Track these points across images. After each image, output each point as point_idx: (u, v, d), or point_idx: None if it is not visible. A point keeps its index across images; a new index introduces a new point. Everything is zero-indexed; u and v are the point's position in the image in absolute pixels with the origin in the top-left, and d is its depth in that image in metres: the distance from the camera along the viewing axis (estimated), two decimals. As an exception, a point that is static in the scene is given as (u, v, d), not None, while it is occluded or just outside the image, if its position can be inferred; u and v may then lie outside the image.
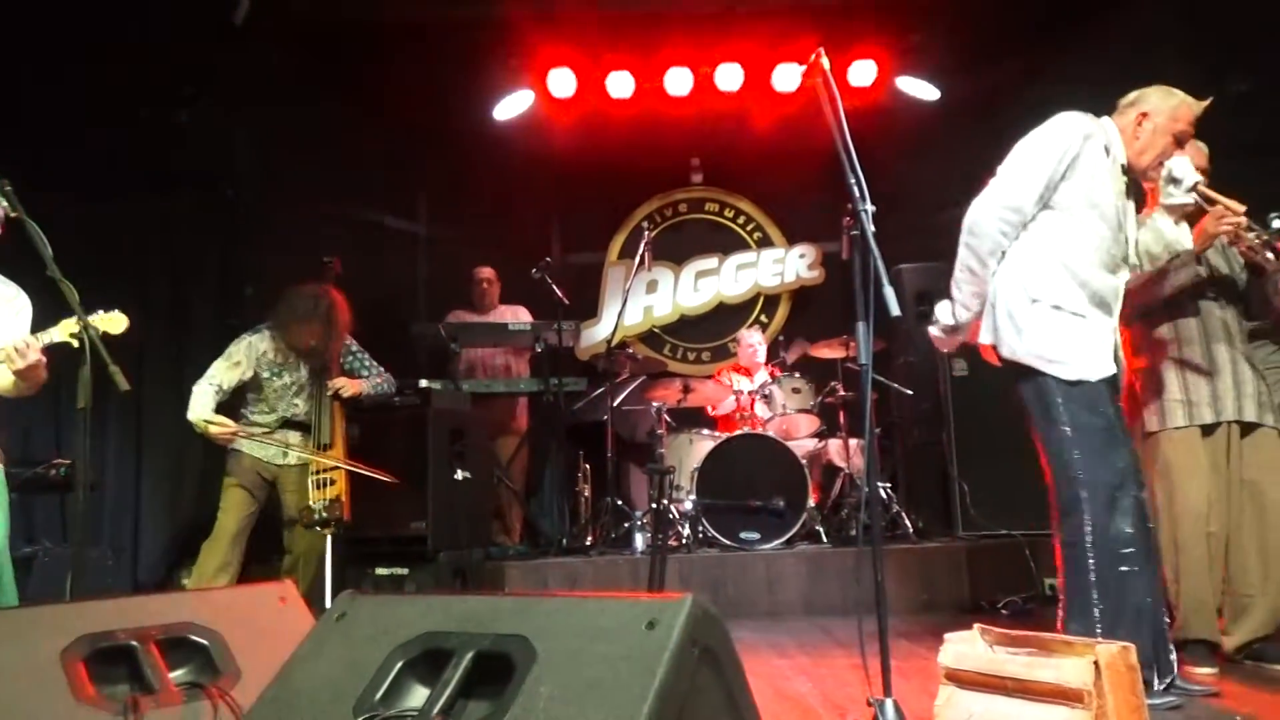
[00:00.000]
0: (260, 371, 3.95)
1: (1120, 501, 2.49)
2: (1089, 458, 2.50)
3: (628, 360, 5.44)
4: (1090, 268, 2.60)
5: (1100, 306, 2.62)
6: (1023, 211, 2.63)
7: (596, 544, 4.96)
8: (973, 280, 2.69)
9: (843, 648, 3.54)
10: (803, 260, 6.84)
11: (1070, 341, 2.55)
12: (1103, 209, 2.62)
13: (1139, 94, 2.77)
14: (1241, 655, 2.98)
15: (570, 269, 6.82)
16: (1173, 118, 2.71)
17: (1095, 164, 2.63)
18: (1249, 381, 3.02)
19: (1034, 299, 2.59)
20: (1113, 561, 2.47)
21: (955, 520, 4.98)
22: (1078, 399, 2.53)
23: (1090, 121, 2.68)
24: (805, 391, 5.44)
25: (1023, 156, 2.67)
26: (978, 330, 2.77)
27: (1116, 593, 2.46)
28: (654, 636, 1.43)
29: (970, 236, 2.68)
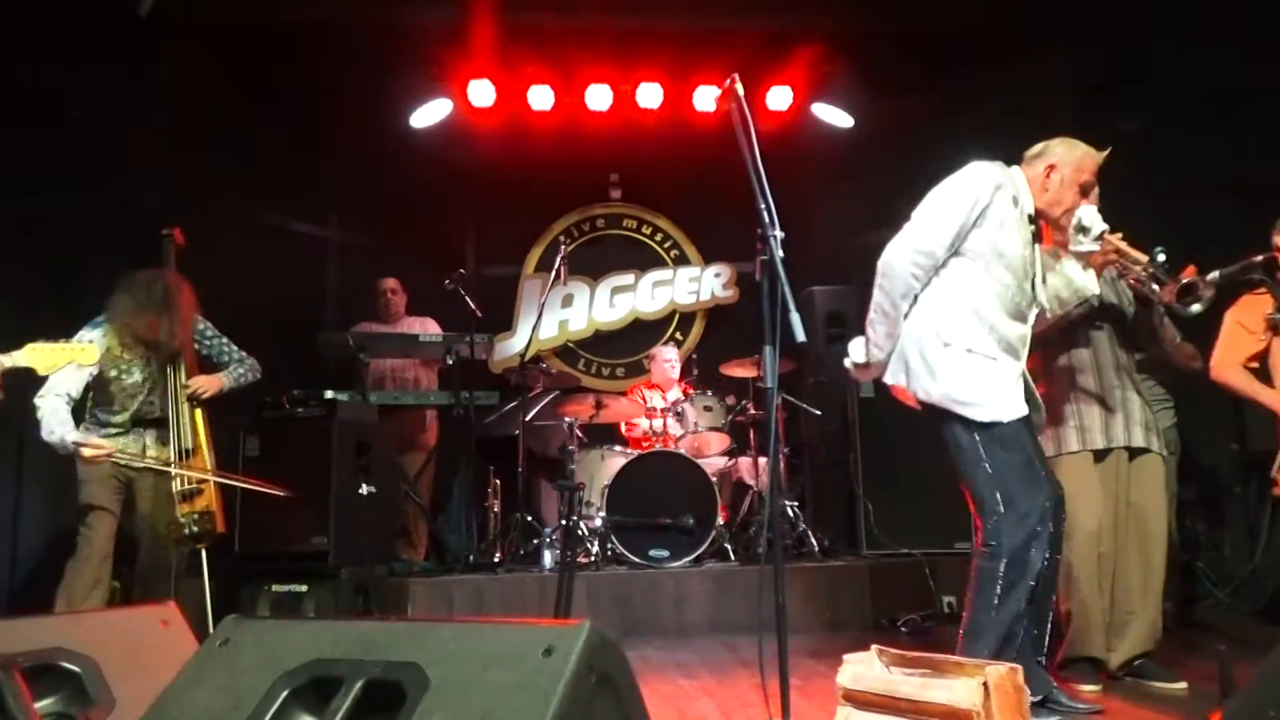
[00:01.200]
0: (107, 370, 3.56)
1: (1037, 535, 2.57)
2: (1006, 493, 2.59)
3: (541, 375, 5.40)
4: (997, 314, 2.69)
5: (1009, 351, 2.71)
6: (934, 256, 2.70)
7: (504, 561, 4.89)
8: (885, 321, 2.76)
9: (747, 667, 3.56)
10: (718, 279, 6.91)
11: (983, 384, 2.63)
12: (1009, 259, 2.71)
13: (1045, 146, 2.88)
14: (1123, 672, 3.10)
15: (485, 281, 6.75)
16: (1078, 169, 2.82)
17: (1004, 214, 2.72)
18: (1137, 409, 3.17)
19: (946, 343, 2.66)
20: (1019, 592, 2.56)
21: (860, 539, 5.08)
22: (994, 438, 2.61)
23: (1000, 172, 2.78)
24: (717, 409, 5.49)
25: (936, 203, 2.75)
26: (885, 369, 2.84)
27: (1015, 620, 2.55)
28: (550, 664, 1.40)
29: (883, 279, 2.74)
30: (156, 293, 3.63)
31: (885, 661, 2.23)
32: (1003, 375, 2.66)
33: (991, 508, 2.60)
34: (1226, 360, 3.28)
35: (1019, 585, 2.56)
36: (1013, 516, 2.56)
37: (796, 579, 4.60)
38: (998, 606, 2.56)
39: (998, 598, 2.54)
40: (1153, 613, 3.10)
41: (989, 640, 2.56)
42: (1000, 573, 2.56)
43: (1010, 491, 2.58)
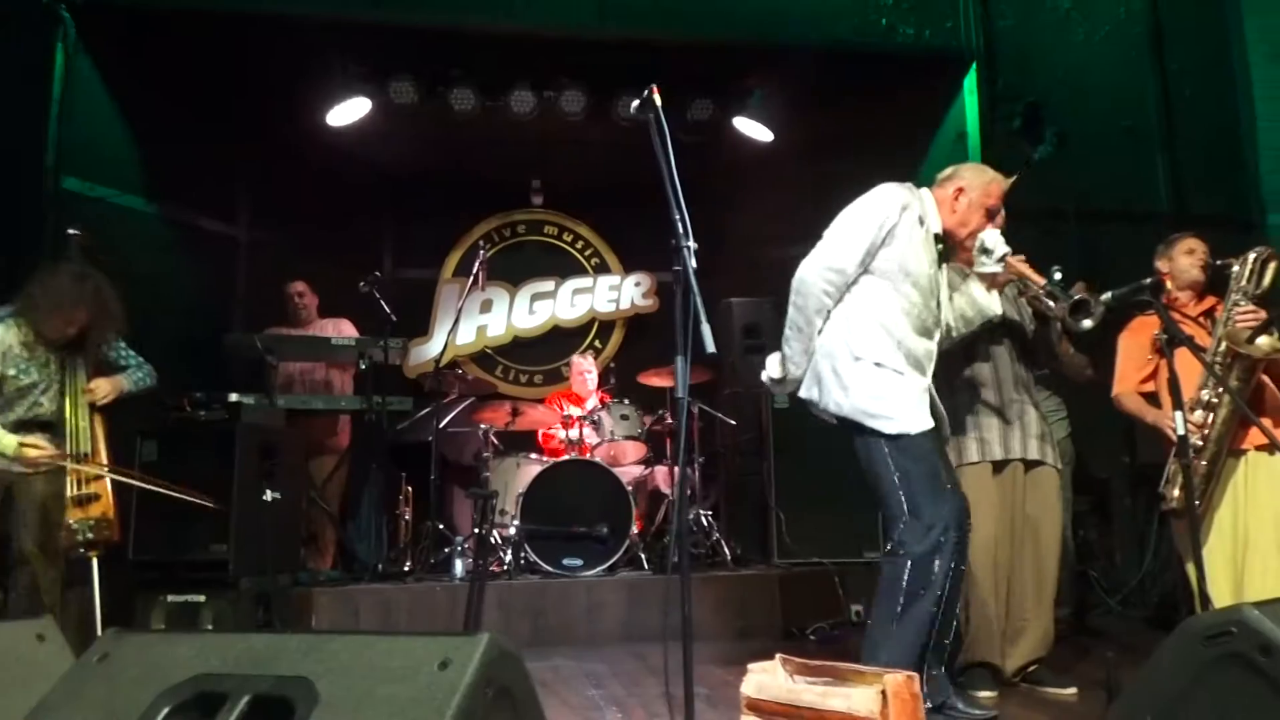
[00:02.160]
0: (5, 369, 3.39)
1: (941, 545, 2.64)
2: (913, 502, 2.65)
3: (456, 380, 5.33)
4: (905, 330, 2.78)
5: (916, 366, 2.79)
6: (845, 274, 2.78)
7: (414, 570, 4.80)
8: (800, 337, 2.83)
9: (656, 676, 3.55)
10: (638, 288, 6.93)
11: (892, 397, 2.71)
12: (916, 277, 2.80)
13: (955, 170, 2.99)
14: (1018, 678, 3.20)
15: (403, 284, 6.64)
16: (985, 193, 2.93)
17: (910, 234, 2.81)
18: (1035, 422, 3.28)
19: (857, 357, 2.74)
20: (924, 601, 2.62)
21: (772, 548, 5.14)
22: (902, 450, 2.68)
23: (908, 193, 2.87)
24: (633, 418, 5.49)
25: (846, 223, 2.83)
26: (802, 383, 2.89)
27: (919, 628, 2.61)
28: (445, 677, 1.38)
29: (797, 296, 2.82)
30: (87, 290, 3.47)
31: (789, 670, 2.26)
32: (910, 389, 2.74)
33: (898, 517, 2.67)
34: (1124, 387, 3.41)
35: (924, 594, 2.62)
36: (918, 526, 2.63)
37: (708, 588, 4.63)
38: (900, 615, 2.62)
39: (901, 605, 2.60)
40: (1045, 620, 3.21)
41: (892, 647, 2.61)
42: (905, 581, 2.63)
43: (916, 501, 2.65)
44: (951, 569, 2.65)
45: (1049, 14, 6.12)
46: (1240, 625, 1.52)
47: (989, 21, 6.04)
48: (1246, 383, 3.12)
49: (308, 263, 5.81)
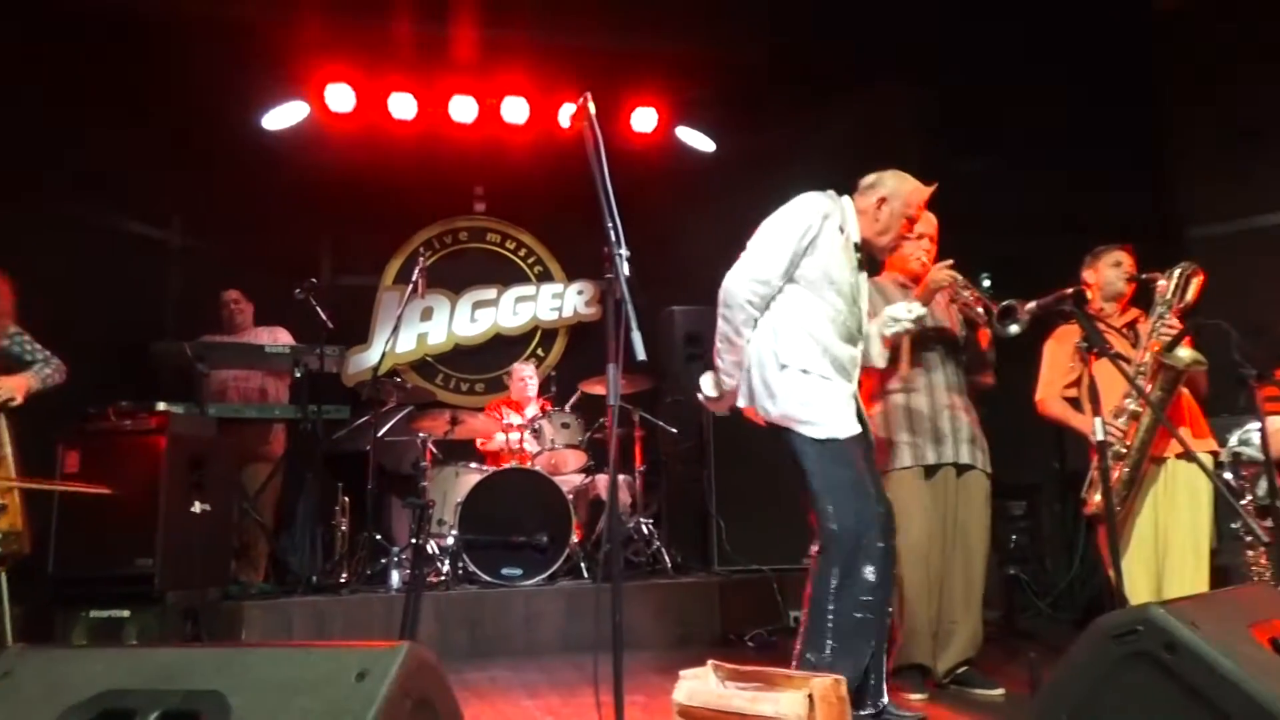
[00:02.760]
0: None
1: (868, 550, 2.67)
2: (840, 508, 2.69)
3: (395, 389, 5.25)
4: (831, 337, 2.82)
5: (841, 372, 2.83)
6: (770, 284, 2.82)
7: (350, 581, 4.72)
8: (731, 349, 2.86)
9: (594, 686, 3.54)
10: (581, 297, 6.93)
11: (818, 403, 2.75)
12: (839, 284, 2.85)
13: (877, 178, 3.03)
14: (948, 680, 3.26)
15: (341, 291, 6.53)
16: (907, 202, 2.99)
17: (831, 242, 2.85)
18: (965, 427, 3.35)
19: (784, 364, 2.78)
20: (852, 607, 2.65)
21: (712, 556, 5.16)
22: (828, 455, 2.72)
23: (829, 202, 2.91)
24: (574, 427, 5.47)
25: (769, 233, 2.87)
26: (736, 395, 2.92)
27: (850, 634, 2.65)
28: (362, 689, 1.36)
29: (725, 308, 2.85)
30: None
31: (720, 676, 2.27)
32: (836, 395, 2.79)
33: (825, 521, 2.70)
34: (1048, 393, 3.50)
35: (850, 597, 2.65)
36: (844, 530, 2.67)
37: (649, 596, 4.64)
38: (831, 619, 2.65)
39: (831, 612, 2.63)
40: (974, 622, 3.28)
41: (823, 651, 2.64)
42: (832, 585, 2.66)
43: (841, 506, 2.69)
44: (878, 574, 2.69)
45: (982, 27, 6.26)
46: (1146, 623, 1.56)
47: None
48: (1169, 394, 3.21)
49: (243, 269, 5.69)
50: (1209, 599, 1.81)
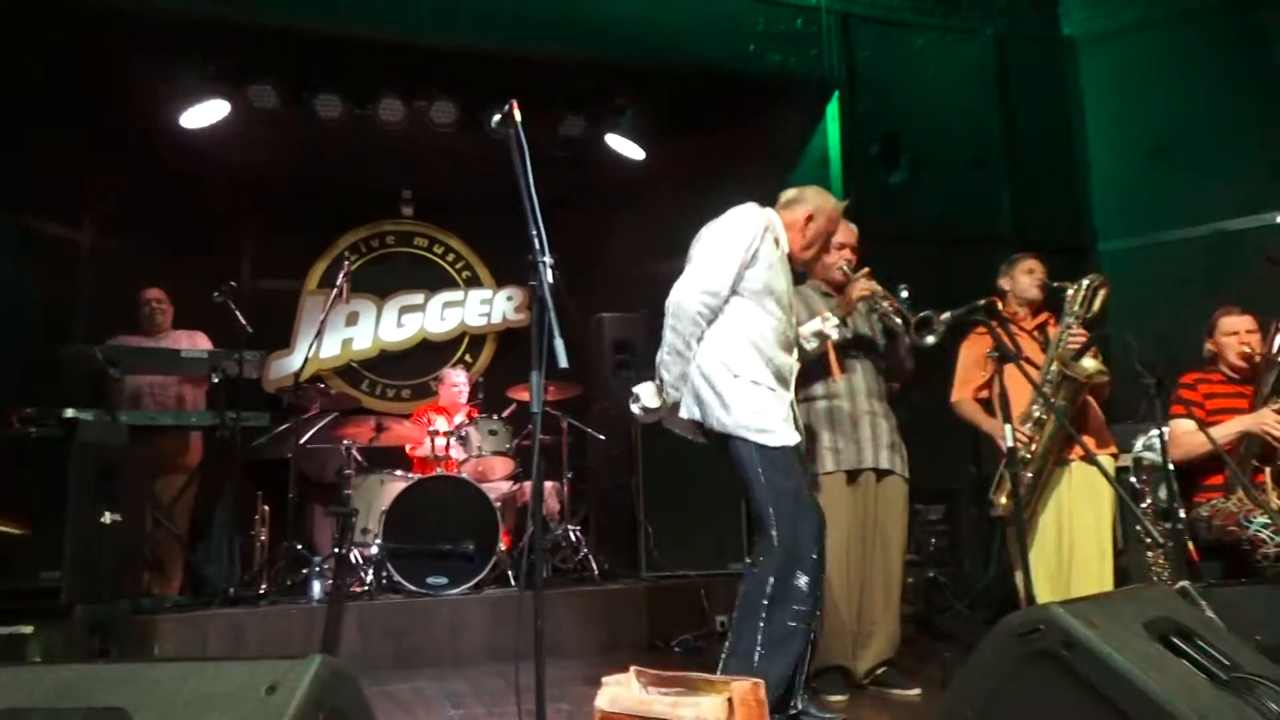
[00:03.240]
0: None
1: (804, 560, 2.72)
2: (782, 518, 2.73)
3: (318, 395, 5.15)
4: (774, 348, 2.88)
5: (782, 382, 2.89)
6: (719, 295, 2.86)
7: (269, 593, 4.60)
8: (679, 361, 2.88)
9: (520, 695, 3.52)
10: (510, 303, 6.90)
11: (770, 413, 2.79)
12: (778, 295, 2.91)
13: (799, 193, 3.11)
14: (868, 680, 3.33)
15: (263, 295, 6.40)
16: (829, 217, 3.08)
17: (770, 255, 2.92)
18: (885, 433, 3.44)
19: (735, 375, 2.81)
20: (785, 616, 2.69)
21: (640, 562, 5.17)
22: (777, 464, 2.77)
23: (765, 215, 2.97)
24: (502, 434, 5.44)
25: (715, 245, 2.91)
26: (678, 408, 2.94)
27: (779, 642, 2.68)
28: (273, 702, 1.33)
29: (674, 320, 2.87)
30: None
31: (643, 682, 2.28)
32: (782, 404, 2.85)
33: (767, 529, 2.74)
34: (962, 394, 3.63)
35: (784, 605, 2.69)
36: (784, 539, 2.71)
37: (575, 603, 4.63)
38: (763, 627, 2.69)
39: (763, 620, 2.67)
40: (893, 623, 3.36)
41: (751, 657, 2.67)
42: (767, 592, 2.70)
43: (784, 515, 2.73)
44: (810, 583, 2.74)
45: (905, 48, 6.45)
46: (1047, 623, 1.63)
47: (850, 52, 6.32)
48: (1073, 401, 3.36)
49: (159, 271, 5.51)
50: (1107, 599, 1.89)
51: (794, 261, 3.06)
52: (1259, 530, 3.14)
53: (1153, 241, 6.60)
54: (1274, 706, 1.70)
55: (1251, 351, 3.44)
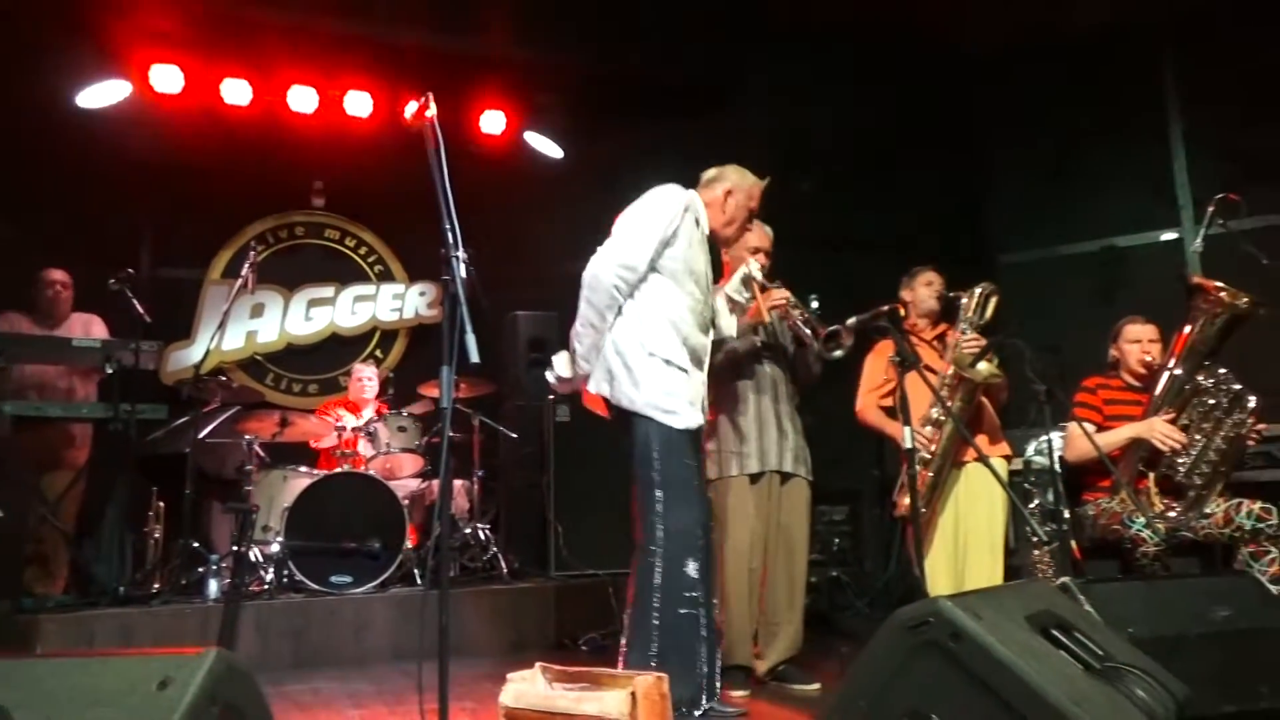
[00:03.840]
0: None
1: (691, 546, 2.75)
2: (672, 504, 2.75)
3: (219, 388, 4.98)
4: (691, 327, 2.90)
5: (696, 363, 2.92)
6: (636, 270, 2.86)
7: (163, 592, 4.43)
8: (592, 333, 2.88)
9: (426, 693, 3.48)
10: (423, 298, 6.79)
11: (680, 393, 2.81)
12: (697, 275, 2.94)
13: (719, 172, 3.16)
14: (770, 677, 3.41)
15: (163, 283, 6.14)
16: (749, 195, 3.13)
17: (691, 234, 2.95)
18: (790, 436, 3.52)
19: (650, 353, 2.82)
20: (676, 603, 2.71)
21: (550, 561, 5.17)
22: (677, 447, 2.78)
23: (687, 195, 3.00)
24: (412, 430, 5.36)
25: (636, 221, 2.92)
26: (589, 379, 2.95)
27: (674, 632, 2.71)
28: (164, 698, 1.30)
29: (590, 291, 2.87)
30: None
31: (548, 678, 2.29)
32: (694, 386, 2.88)
33: (653, 516, 2.75)
34: (866, 402, 3.74)
35: (675, 593, 2.72)
36: (670, 525, 2.74)
37: (483, 602, 4.60)
38: (658, 616, 2.71)
39: (656, 610, 2.70)
40: (796, 622, 3.45)
41: (650, 649, 2.70)
42: (656, 582, 2.72)
43: (674, 500, 2.76)
44: (700, 569, 2.77)
45: (812, 57, 6.60)
46: (936, 615, 1.70)
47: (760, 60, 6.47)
48: (969, 404, 3.50)
49: (52, 256, 5.24)
50: (993, 593, 1.98)
51: (716, 239, 3.10)
52: (1140, 530, 3.32)
53: (1050, 255, 6.93)
54: (1141, 694, 1.81)
55: (1152, 360, 3.63)
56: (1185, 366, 3.48)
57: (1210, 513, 3.32)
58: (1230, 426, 3.35)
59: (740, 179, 3.13)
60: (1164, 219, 6.60)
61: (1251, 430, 3.36)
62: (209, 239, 6.45)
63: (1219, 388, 3.40)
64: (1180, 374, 3.48)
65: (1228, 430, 3.35)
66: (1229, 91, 6.34)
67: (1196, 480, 3.36)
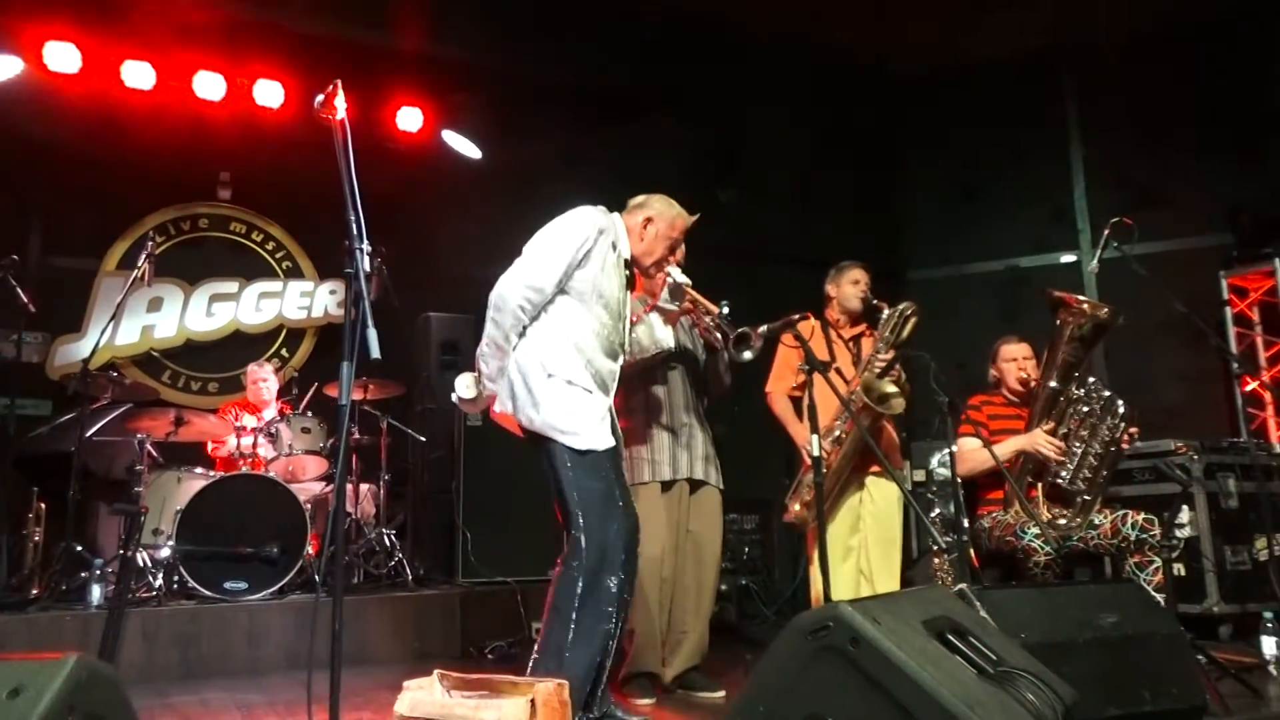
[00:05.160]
0: None
1: (613, 562, 2.72)
2: (590, 520, 2.72)
3: (110, 384, 4.74)
4: (595, 350, 2.87)
5: (602, 386, 2.88)
6: (543, 292, 2.82)
7: (41, 598, 4.19)
8: (498, 354, 2.84)
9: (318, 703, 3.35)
10: (333, 296, 6.60)
11: (580, 415, 2.77)
12: (607, 299, 2.90)
13: (646, 199, 3.13)
14: (676, 685, 3.39)
15: (53, 273, 5.84)
16: (671, 226, 3.10)
17: (604, 258, 2.91)
18: (701, 444, 3.52)
19: (550, 374, 2.78)
20: (595, 618, 2.68)
21: (457, 567, 5.06)
22: (585, 466, 2.75)
23: (603, 217, 2.97)
24: (316, 432, 5.20)
25: (545, 242, 2.88)
26: (495, 399, 2.90)
27: (587, 644, 2.67)
28: (16, 707, 1.21)
29: (496, 312, 2.82)
30: None
31: (446, 686, 2.23)
32: (597, 408, 2.84)
33: (575, 532, 2.73)
34: (776, 388, 3.78)
35: (593, 608, 2.69)
36: (592, 541, 2.71)
37: (386, 609, 4.49)
38: (573, 630, 2.67)
39: (573, 622, 2.66)
40: (702, 630, 3.44)
41: (561, 657, 2.66)
42: (577, 594, 2.69)
43: (592, 518, 2.73)
44: (621, 585, 2.75)
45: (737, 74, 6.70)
46: (836, 620, 1.71)
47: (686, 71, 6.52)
48: (874, 421, 3.56)
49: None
50: (892, 599, 2.01)
51: (635, 265, 3.07)
52: (1032, 540, 3.42)
53: (959, 273, 7.15)
54: (1031, 697, 1.85)
55: (1028, 376, 3.76)
56: (1058, 379, 3.63)
57: (1099, 524, 3.45)
58: (1106, 430, 3.50)
59: (664, 209, 3.10)
60: (1064, 241, 6.89)
61: (1125, 433, 3.50)
62: (104, 228, 6.15)
63: (1090, 395, 3.56)
64: (1055, 386, 3.63)
65: (1104, 435, 3.51)
66: (1123, 121, 6.66)
67: (1081, 485, 3.50)
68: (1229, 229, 6.37)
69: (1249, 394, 6.20)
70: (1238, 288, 6.39)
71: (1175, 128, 6.49)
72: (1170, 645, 2.48)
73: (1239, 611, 4.35)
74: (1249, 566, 4.48)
